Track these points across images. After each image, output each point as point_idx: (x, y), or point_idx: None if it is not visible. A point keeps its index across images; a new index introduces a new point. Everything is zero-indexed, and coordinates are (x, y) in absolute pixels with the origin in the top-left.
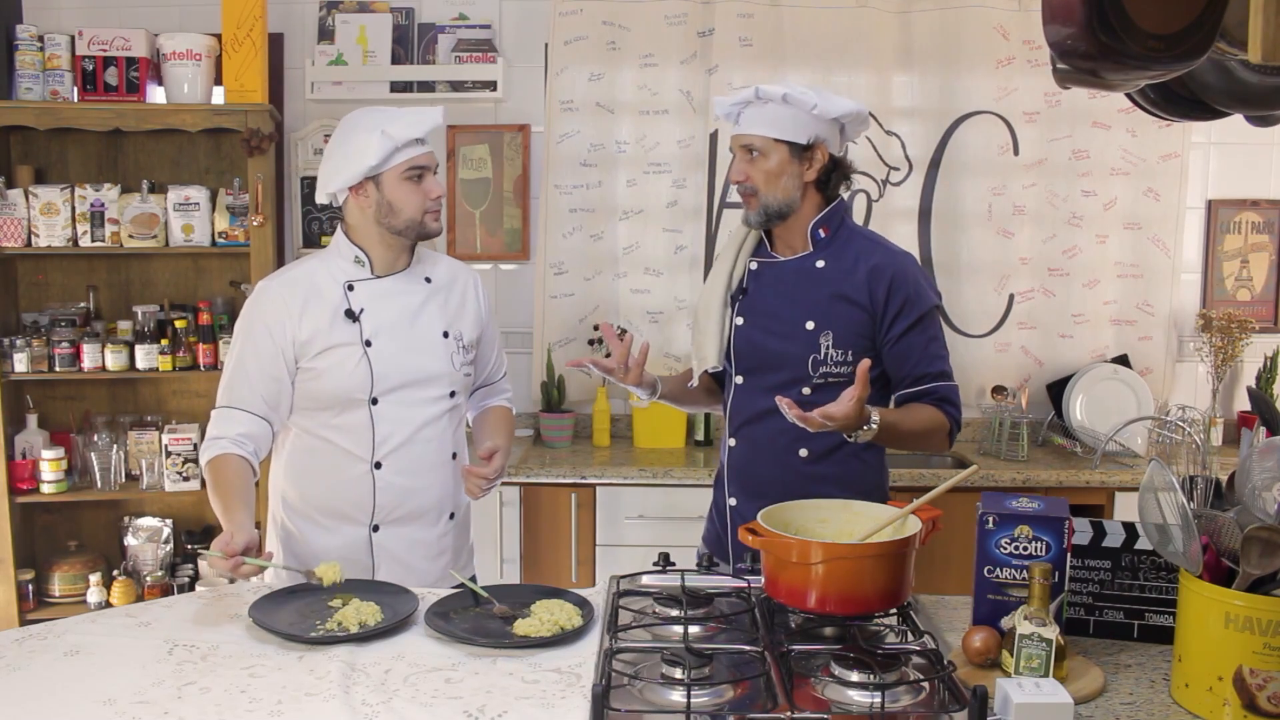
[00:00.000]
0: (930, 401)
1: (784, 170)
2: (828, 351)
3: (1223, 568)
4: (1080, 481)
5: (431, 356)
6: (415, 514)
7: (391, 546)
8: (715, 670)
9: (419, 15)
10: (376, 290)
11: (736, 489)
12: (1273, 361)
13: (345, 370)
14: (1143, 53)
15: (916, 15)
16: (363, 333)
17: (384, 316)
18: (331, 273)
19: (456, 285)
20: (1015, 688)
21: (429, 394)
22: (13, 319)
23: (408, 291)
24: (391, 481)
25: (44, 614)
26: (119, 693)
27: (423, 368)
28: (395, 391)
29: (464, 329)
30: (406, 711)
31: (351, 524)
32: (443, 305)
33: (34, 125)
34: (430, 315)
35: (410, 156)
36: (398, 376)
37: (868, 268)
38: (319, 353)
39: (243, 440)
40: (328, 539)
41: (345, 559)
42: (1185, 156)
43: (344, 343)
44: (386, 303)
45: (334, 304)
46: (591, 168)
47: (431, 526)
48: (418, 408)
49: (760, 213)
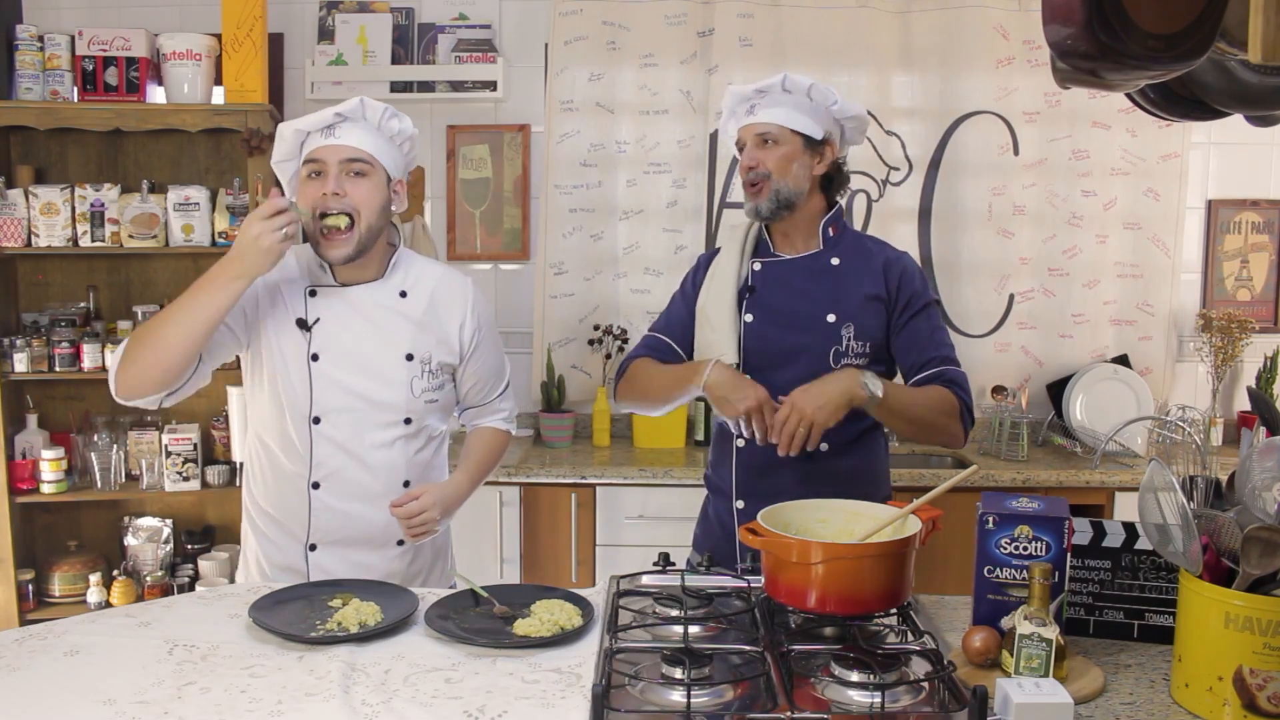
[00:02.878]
0: (940, 383)
1: (796, 158)
2: (849, 343)
3: (1223, 568)
4: (1080, 481)
5: (384, 382)
6: (357, 539)
7: (330, 567)
8: (715, 670)
9: (419, 15)
10: (338, 300)
11: (745, 490)
12: (1273, 361)
13: (289, 382)
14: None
15: (916, 15)
16: (310, 346)
17: (338, 332)
18: (303, 269)
19: (439, 301)
20: (1015, 688)
21: (379, 419)
22: (13, 319)
23: (373, 305)
24: (330, 504)
25: (44, 614)
26: (119, 693)
27: (372, 392)
28: (338, 413)
29: (435, 352)
30: (406, 711)
31: (291, 539)
32: (413, 325)
33: (34, 125)
34: (394, 335)
35: (310, 149)
36: (342, 398)
37: (882, 261)
38: (270, 355)
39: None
40: (271, 550)
41: (285, 570)
42: (1185, 156)
43: (291, 351)
44: (345, 317)
45: (293, 308)
46: (591, 168)
47: (375, 551)
48: (365, 431)
49: (771, 199)
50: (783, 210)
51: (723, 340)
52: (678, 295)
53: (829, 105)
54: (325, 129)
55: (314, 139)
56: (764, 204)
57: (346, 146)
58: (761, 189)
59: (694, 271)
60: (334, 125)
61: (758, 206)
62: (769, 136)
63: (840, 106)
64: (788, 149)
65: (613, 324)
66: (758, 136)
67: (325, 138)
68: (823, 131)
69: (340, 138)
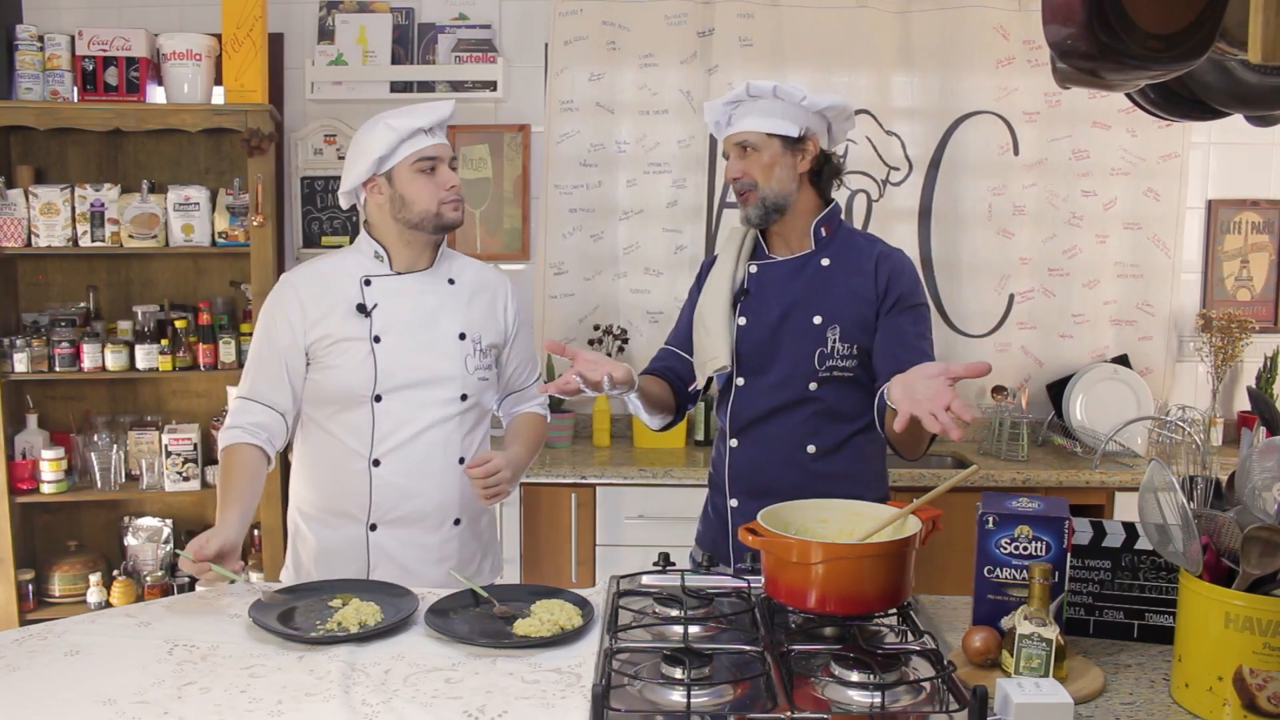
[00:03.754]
0: None
1: (778, 161)
2: (834, 345)
3: (1223, 568)
4: (1080, 481)
5: (443, 357)
6: (415, 516)
7: (389, 547)
8: (715, 670)
9: (419, 15)
10: (393, 287)
11: (739, 491)
12: (1273, 361)
13: (352, 365)
14: (1143, 53)
15: (916, 15)
16: (372, 328)
17: (397, 313)
18: (352, 268)
19: (484, 289)
20: (1015, 688)
21: (437, 395)
22: (13, 319)
23: (427, 290)
24: (390, 480)
25: (44, 614)
26: (119, 693)
27: (432, 368)
28: (401, 390)
29: (484, 333)
30: (406, 711)
31: (350, 521)
32: (463, 307)
33: (34, 125)
34: (448, 316)
35: (418, 148)
36: (404, 375)
37: (874, 257)
38: (330, 345)
39: (256, 430)
40: (330, 536)
41: (344, 555)
42: (1185, 156)
43: (353, 337)
44: (402, 300)
45: (350, 299)
46: (591, 168)
47: (433, 531)
48: (424, 409)
49: (759, 206)
50: (773, 214)
51: (716, 344)
52: (685, 305)
53: (799, 101)
54: (429, 130)
55: (422, 137)
56: (753, 212)
57: (449, 145)
58: (749, 197)
59: (698, 278)
60: (434, 128)
61: (748, 215)
62: (748, 144)
63: (810, 100)
64: (768, 153)
65: (613, 324)
66: (738, 146)
67: (432, 137)
68: (799, 128)
69: (440, 137)
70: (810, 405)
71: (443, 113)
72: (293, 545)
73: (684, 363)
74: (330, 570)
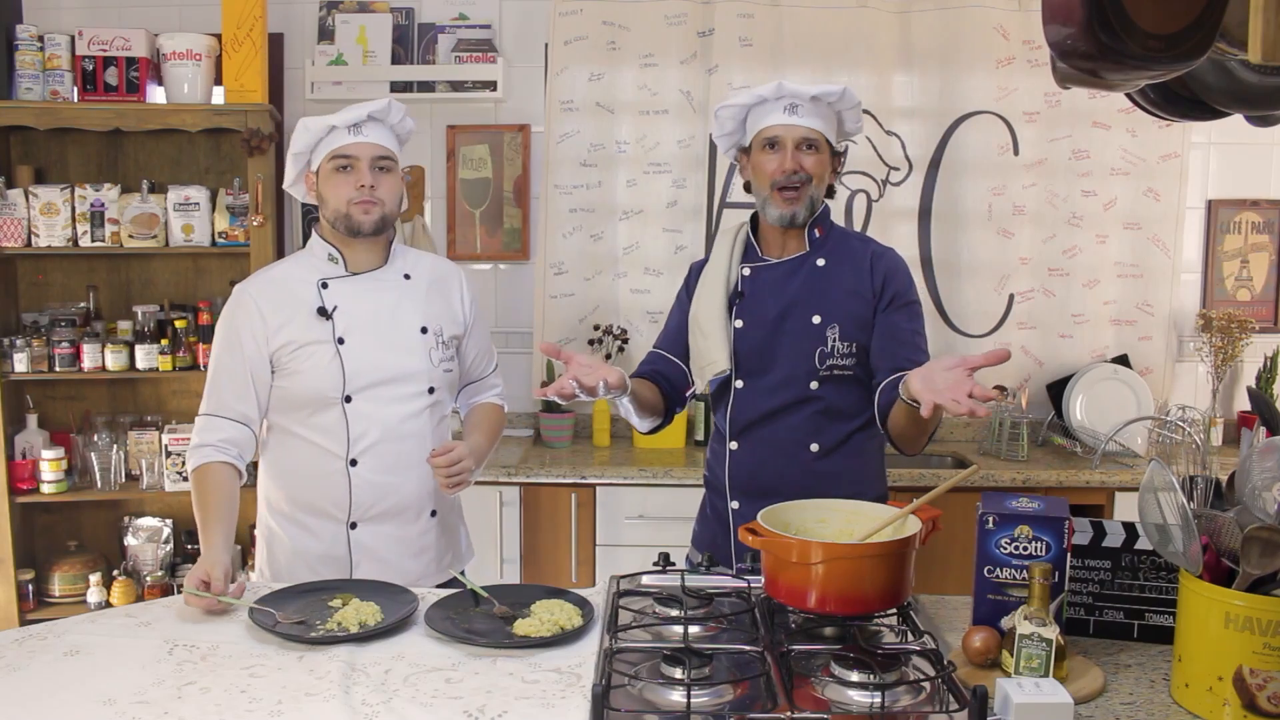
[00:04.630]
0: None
1: (827, 166)
2: (834, 344)
3: (1223, 568)
4: (1080, 481)
5: (408, 353)
6: (394, 511)
7: (370, 544)
8: (715, 670)
9: (419, 15)
10: (351, 288)
11: (739, 492)
12: (1273, 361)
13: (319, 368)
14: (1143, 53)
15: (916, 15)
16: (335, 330)
17: (358, 313)
18: (307, 272)
19: (439, 281)
20: (1015, 688)
21: (406, 391)
22: (13, 319)
23: (384, 288)
24: (368, 479)
25: (44, 614)
26: (119, 693)
27: (398, 364)
28: (370, 389)
29: (445, 325)
30: (406, 711)
31: (330, 521)
32: (422, 301)
33: (34, 125)
34: (408, 311)
35: (333, 146)
36: (371, 374)
37: (868, 256)
38: (295, 351)
39: (225, 446)
40: (307, 538)
41: (324, 555)
42: (1185, 156)
43: (317, 340)
44: (361, 300)
45: (309, 303)
46: (591, 168)
47: (411, 524)
48: (394, 405)
49: (808, 206)
50: (808, 218)
51: (714, 347)
52: (674, 308)
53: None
54: (353, 126)
55: (340, 135)
56: (801, 210)
57: (377, 145)
58: (802, 192)
59: (686, 282)
60: (362, 124)
61: (795, 213)
62: (814, 142)
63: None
64: (826, 157)
65: (613, 324)
66: (802, 139)
67: (354, 135)
68: (842, 144)
69: (368, 136)
70: (812, 404)
71: (369, 110)
72: (266, 547)
73: (673, 366)
74: (310, 569)
